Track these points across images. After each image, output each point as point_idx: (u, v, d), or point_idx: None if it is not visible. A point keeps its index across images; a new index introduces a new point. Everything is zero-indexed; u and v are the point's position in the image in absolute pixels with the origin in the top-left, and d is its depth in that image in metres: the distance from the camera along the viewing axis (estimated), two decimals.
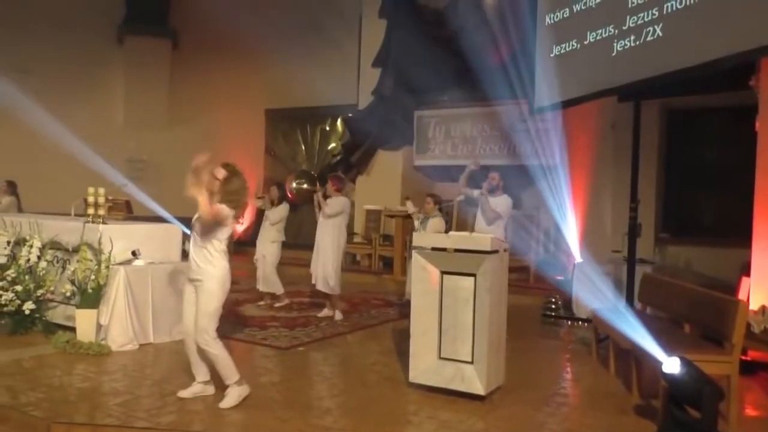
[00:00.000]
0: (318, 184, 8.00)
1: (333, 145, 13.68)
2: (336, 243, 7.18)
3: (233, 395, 4.20)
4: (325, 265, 7.14)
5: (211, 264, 4.14)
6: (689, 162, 9.34)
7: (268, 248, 7.81)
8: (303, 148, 14.25)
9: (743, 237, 6.08)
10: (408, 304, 4.98)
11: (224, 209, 4.12)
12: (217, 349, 4.18)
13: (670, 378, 3.69)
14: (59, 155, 12.54)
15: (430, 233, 6.34)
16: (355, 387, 4.88)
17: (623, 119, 8.00)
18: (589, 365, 5.74)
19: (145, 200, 6.94)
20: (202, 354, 4.24)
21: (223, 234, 4.18)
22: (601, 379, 5.30)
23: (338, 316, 7.28)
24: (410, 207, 7.64)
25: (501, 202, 6.62)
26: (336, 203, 7.17)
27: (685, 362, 3.68)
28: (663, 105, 9.36)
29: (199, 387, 4.37)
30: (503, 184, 6.71)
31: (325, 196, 7.29)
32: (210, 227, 4.13)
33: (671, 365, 3.69)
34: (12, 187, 9.95)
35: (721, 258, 8.08)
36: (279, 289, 7.86)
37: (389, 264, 11.32)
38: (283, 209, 7.85)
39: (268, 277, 7.80)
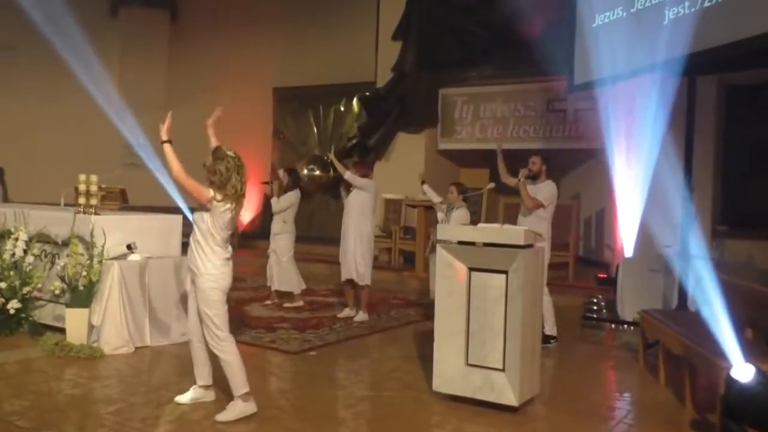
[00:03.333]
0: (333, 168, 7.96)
1: (348, 127, 13.65)
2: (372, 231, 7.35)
3: (235, 410, 4.14)
4: (363, 255, 7.20)
5: (204, 259, 4.10)
6: (752, 145, 9.15)
7: (276, 242, 7.83)
8: (315, 130, 14.25)
9: None
10: (432, 304, 4.95)
11: (201, 186, 4.06)
12: (228, 354, 4.15)
13: (736, 388, 3.60)
14: (47, 139, 12.67)
15: (456, 225, 6.29)
16: (373, 396, 4.88)
17: (675, 97, 7.85)
18: (635, 373, 5.67)
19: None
20: (212, 356, 4.24)
21: (217, 224, 4.09)
22: (649, 389, 5.23)
23: (362, 316, 7.29)
24: (429, 192, 7.35)
25: (542, 189, 6.35)
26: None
27: (759, 372, 3.58)
28: (721, 81, 9.17)
29: (199, 392, 4.39)
30: (546, 169, 6.44)
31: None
32: (200, 206, 4.11)
33: (742, 372, 3.58)
34: None
35: None
36: (296, 287, 7.84)
37: (411, 259, 11.29)
38: (289, 197, 7.79)
39: (282, 274, 7.78)
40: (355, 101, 13.50)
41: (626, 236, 8.51)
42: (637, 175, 8.67)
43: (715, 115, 9.26)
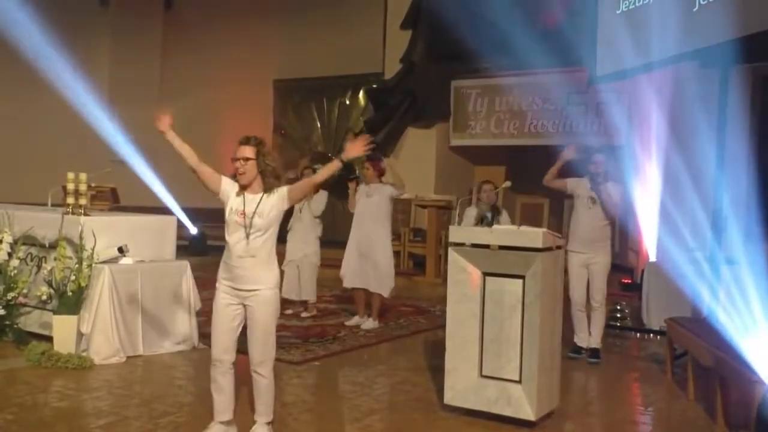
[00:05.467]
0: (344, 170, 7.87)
1: (354, 121, 13.66)
2: (389, 237, 7.35)
3: None
4: (381, 261, 7.14)
5: (270, 267, 3.92)
6: None
7: (307, 248, 7.64)
8: (318, 125, 14.28)
9: None
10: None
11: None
12: (272, 376, 4.01)
13: None
14: (33, 136, 12.72)
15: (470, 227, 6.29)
16: (380, 409, 4.87)
17: (706, 89, 7.83)
18: (662, 387, 5.65)
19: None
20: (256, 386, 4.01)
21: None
22: (677, 403, 5.22)
23: (372, 324, 7.28)
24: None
25: (614, 192, 6.12)
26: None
27: None
28: (756, 72, 9.13)
29: (221, 428, 4.09)
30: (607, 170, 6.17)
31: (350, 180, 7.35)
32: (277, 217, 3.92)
33: None
34: None
35: None
36: (314, 296, 7.78)
37: (421, 264, 11.30)
38: (324, 197, 7.62)
39: (310, 282, 7.67)
40: (361, 94, 13.52)
41: (652, 239, 8.47)
42: (663, 173, 8.65)
43: (749, 109, 9.22)
